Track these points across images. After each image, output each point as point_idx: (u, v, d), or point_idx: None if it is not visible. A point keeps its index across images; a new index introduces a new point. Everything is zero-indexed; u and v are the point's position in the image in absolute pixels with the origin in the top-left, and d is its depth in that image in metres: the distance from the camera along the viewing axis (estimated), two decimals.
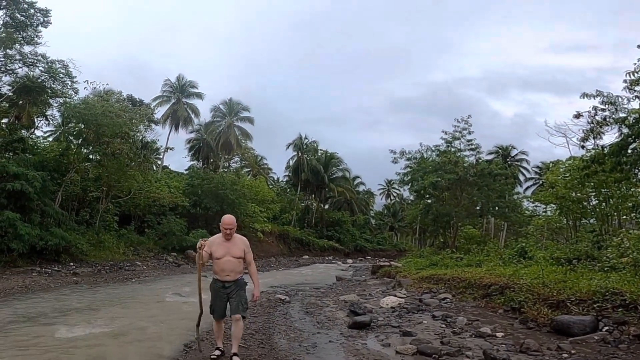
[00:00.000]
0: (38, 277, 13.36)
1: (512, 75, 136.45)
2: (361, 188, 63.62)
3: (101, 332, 6.52)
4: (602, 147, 10.79)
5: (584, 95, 10.54)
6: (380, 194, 73.25)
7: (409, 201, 48.20)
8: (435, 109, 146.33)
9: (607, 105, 10.45)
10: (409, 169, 25.16)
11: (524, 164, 48.36)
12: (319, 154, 53.33)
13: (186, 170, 43.77)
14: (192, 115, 41.13)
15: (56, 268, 15.27)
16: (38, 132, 28.27)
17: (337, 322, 7.93)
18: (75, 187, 21.03)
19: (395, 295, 10.79)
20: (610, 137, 10.87)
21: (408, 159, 25.05)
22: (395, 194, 70.50)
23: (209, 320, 5.58)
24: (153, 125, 35.46)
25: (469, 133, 23.01)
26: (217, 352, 5.17)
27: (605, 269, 8.77)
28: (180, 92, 40.09)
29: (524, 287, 7.96)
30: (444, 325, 7.35)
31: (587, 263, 10.00)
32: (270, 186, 54.09)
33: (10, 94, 20.29)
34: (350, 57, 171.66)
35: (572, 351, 5.46)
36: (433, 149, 24.45)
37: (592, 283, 7.02)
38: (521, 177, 46.29)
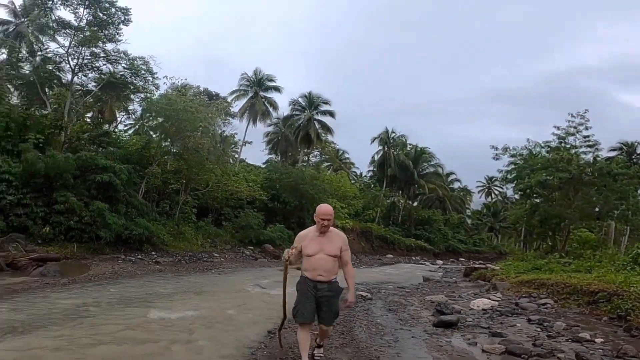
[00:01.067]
0: (124, 264, 15.31)
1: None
2: (456, 185, 63.03)
3: (190, 316, 7.59)
4: None
5: None
6: (479, 192, 71.98)
7: (513, 200, 46.62)
8: (547, 101, 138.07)
9: None
10: (513, 166, 24.66)
11: None
12: (408, 149, 53.60)
13: (264, 163, 46.31)
14: (270, 109, 43.16)
15: (139, 256, 17.31)
16: (119, 126, 32.10)
17: (421, 321, 8.34)
18: (156, 179, 23.35)
19: (489, 298, 10.90)
20: None
21: (512, 156, 24.54)
22: (497, 192, 68.98)
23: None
24: (230, 119, 38.15)
25: (586, 129, 21.97)
26: None
27: None
28: (258, 85, 42.29)
29: (633, 295, 7.85)
30: (539, 329, 7.48)
31: None
32: (353, 181, 55.18)
33: (95, 89, 23.07)
34: (444, 45, 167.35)
35: None
36: (542, 145, 23.70)
37: None
38: None
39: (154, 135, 26.06)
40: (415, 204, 56.92)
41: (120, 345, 5.53)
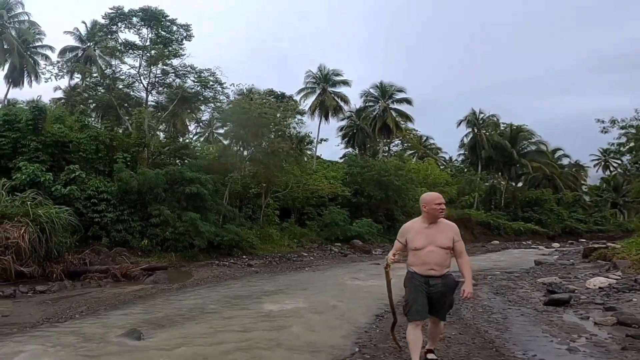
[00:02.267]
0: (221, 268, 17.39)
1: None
2: (565, 161, 61.65)
3: (300, 307, 9.07)
4: None
5: None
6: (594, 166, 69.84)
7: (634, 172, 44.91)
8: None
9: None
10: (625, 139, 24.54)
11: None
12: (502, 128, 53.87)
13: (341, 158, 48.23)
14: (342, 103, 45.23)
15: (232, 261, 19.30)
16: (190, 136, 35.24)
17: (531, 301, 9.17)
18: (236, 185, 25.46)
19: (607, 277, 11.37)
20: None
21: (622, 127, 24.37)
22: (615, 165, 66.61)
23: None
24: (301, 118, 40.31)
25: None
26: None
27: None
28: (325, 81, 44.52)
29: None
30: None
31: None
32: (442, 167, 55.50)
33: (171, 106, 25.64)
34: (529, 12, 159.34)
35: None
36: None
37: None
38: None
39: (225, 142, 28.33)
40: (519, 184, 56.27)
41: (249, 332, 7.07)
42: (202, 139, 40.90)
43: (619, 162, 61.52)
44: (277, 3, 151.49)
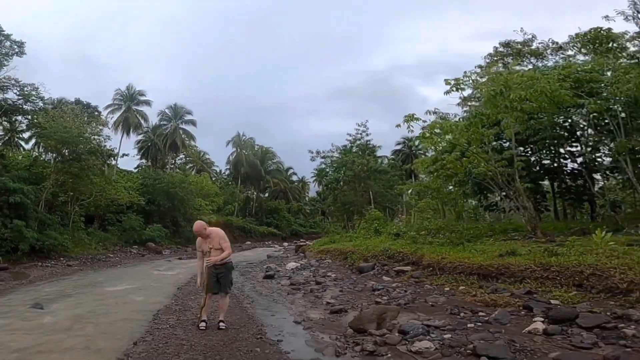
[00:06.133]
0: (48, 269, 17.66)
1: (440, 62, 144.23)
2: (295, 178, 69.08)
3: (131, 287, 12.10)
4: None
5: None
6: (313, 182, 79.38)
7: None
8: (375, 97, 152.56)
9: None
10: (323, 166, 31.83)
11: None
12: (256, 149, 58.38)
13: (135, 168, 47.90)
14: (142, 121, 45.55)
15: (52, 262, 19.42)
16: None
17: (257, 278, 14.25)
18: (47, 193, 24.92)
19: (297, 262, 17.37)
20: None
21: (323, 157, 31.79)
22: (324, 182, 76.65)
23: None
24: (106, 131, 39.30)
25: (367, 135, 30.12)
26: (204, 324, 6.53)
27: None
28: (130, 100, 44.35)
29: (357, 251, 14.77)
30: (311, 274, 13.95)
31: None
32: (214, 178, 58.73)
33: None
34: (290, 48, 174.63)
35: (359, 277, 12.22)
36: (341, 148, 31.32)
37: (381, 246, 13.90)
38: None
39: (38, 152, 26.80)
40: (266, 195, 62.63)
41: (108, 299, 10.03)
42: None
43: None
44: (95, 8, 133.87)
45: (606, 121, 14.64)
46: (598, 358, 4.81)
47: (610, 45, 15.46)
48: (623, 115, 14.39)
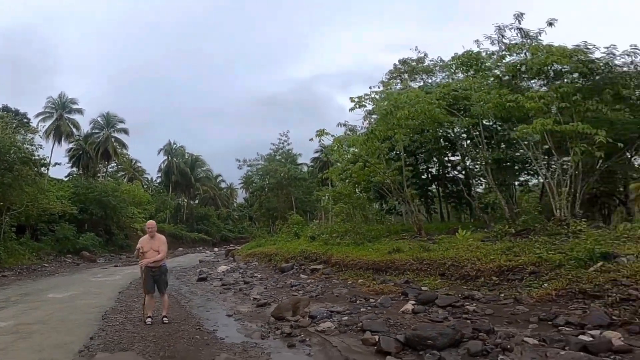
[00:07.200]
0: None
1: (356, 72, 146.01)
2: (223, 185, 68.01)
3: (75, 293, 12.06)
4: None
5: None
6: (241, 188, 79.03)
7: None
8: (299, 104, 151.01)
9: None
10: (250, 174, 32.55)
11: None
12: (186, 157, 56.62)
13: (66, 177, 44.97)
14: (74, 130, 42.65)
15: None
16: None
17: (191, 281, 14.93)
18: None
19: (227, 265, 18.21)
20: None
21: (249, 165, 32.51)
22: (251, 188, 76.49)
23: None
24: (41, 144, 36.56)
25: (288, 144, 31.35)
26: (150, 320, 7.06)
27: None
28: (62, 108, 41.41)
29: (279, 253, 16.03)
30: (240, 275, 14.94)
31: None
32: (145, 186, 56.32)
33: None
34: (221, 56, 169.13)
35: (281, 276, 13.47)
36: (265, 157, 32.23)
37: (299, 248, 15.29)
38: None
39: None
40: (196, 202, 61.28)
41: (55, 305, 10.17)
42: None
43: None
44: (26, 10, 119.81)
45: (476, 134, 15.57)
46: (443, 327, 6.48)
47: (479, 66, 16.12)
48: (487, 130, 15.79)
